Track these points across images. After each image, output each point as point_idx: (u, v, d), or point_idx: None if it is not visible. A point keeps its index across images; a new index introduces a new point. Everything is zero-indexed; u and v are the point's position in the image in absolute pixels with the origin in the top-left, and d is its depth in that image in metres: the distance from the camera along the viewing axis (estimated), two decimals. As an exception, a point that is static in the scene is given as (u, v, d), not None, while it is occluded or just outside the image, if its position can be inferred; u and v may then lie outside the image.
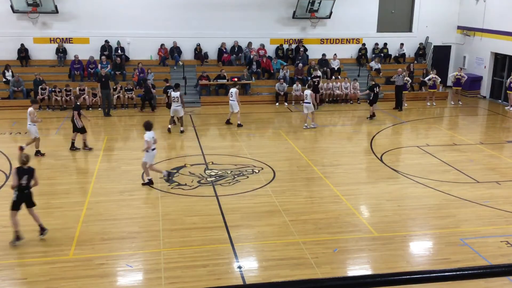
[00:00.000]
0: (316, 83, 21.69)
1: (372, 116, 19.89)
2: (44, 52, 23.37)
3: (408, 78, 22.86)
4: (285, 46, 25.25)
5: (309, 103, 18.27)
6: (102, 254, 9.27)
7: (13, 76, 21.56)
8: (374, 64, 25.03)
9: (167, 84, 20.05)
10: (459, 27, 26.50)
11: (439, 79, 23.29)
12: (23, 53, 22.93)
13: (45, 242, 9.67)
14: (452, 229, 10.49)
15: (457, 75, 23.42)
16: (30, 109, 14.53)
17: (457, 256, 9.39)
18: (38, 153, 14.84)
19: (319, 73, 22.76)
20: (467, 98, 24.54)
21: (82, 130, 15.36)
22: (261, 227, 10.44)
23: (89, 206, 11.34)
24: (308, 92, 18.35)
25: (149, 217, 10.90)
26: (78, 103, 15.51)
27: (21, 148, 14.33)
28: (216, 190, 12.33)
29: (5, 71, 21.70)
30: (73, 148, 15.45)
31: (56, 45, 23.35)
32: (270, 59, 24.31)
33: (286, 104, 22.73)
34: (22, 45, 22.85)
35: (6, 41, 22.68)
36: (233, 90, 18.58)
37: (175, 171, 13.69)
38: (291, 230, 10.24)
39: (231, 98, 18.62)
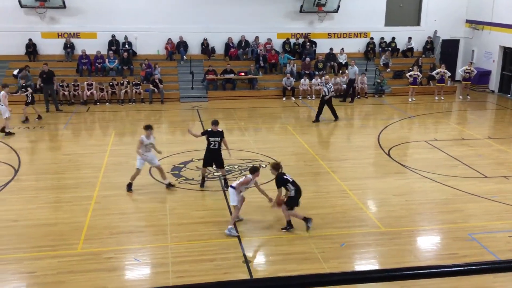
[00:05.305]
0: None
1: None
2: (51, 47, 23.47)
3: (418, 73, 22.79)
4: (292, 41, 25.16)
5: (2, 105, 16.55)
6: (110, 248, 9.32)
7: (21, 71, 21.63)
8: (384, 59, 24.91)
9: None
10: (467, 21, 26.28)
11: (448, 74, 23.13)
12: (31, 48, 23.03)
13: (53, 236, 9.74)
14: (460, 224, 10.45)
15: (467, 69, 23.26)
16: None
17: (465, 251, 9.35)
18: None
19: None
20: (476, 92, 24.37)
21: None
22: (268, 222, 10.45)
23: (97, 201, 11.41)
24: (2, 92, 16.65)
25: (157, 211, 10.94)
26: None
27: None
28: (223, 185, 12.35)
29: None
30: None
31: (63, 40, 23.44)
32: (277, 54, 24.26)
33: (293, 98, 22.69)
34: (30, 40, 22.96)
35: (14, 36, 22.81)
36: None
37: (182, 165, 13.72)
38: (298, 225, 10.23)
39: None
